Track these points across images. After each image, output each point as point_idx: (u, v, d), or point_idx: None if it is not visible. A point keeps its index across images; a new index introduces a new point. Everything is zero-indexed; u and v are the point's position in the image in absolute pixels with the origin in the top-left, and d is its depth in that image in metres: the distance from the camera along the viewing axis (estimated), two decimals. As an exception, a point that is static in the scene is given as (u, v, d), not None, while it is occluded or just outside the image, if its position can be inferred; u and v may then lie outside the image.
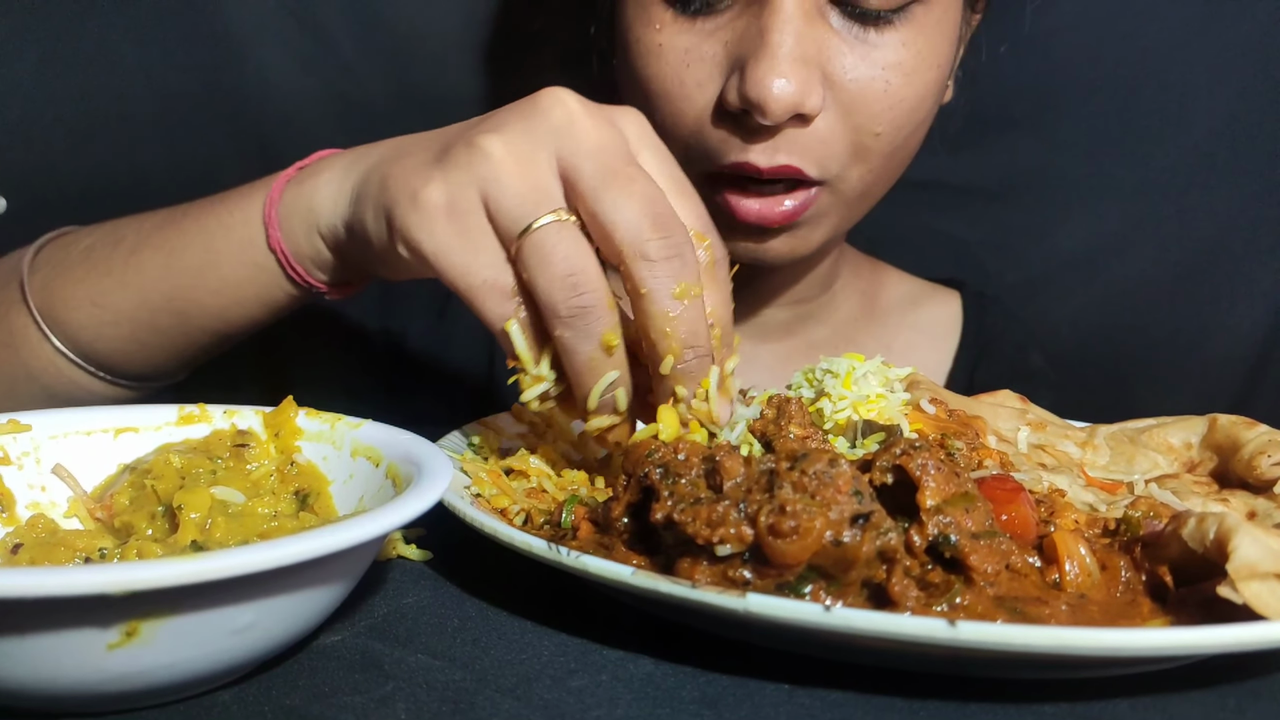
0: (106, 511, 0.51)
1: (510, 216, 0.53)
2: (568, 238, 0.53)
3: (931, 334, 1.07)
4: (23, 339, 0.73)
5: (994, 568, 0.44)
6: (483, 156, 0.54)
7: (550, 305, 0.53)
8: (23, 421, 0.52)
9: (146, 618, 0.35)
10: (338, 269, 0.68)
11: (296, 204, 0.66)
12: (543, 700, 0.41)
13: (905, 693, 0.43)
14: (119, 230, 0.74)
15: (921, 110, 0.80)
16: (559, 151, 0.54)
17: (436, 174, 0.55)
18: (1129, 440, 0.68)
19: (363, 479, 0.52)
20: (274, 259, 0.68)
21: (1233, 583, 0.42)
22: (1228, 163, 1.18)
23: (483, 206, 0.54)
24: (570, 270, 0.52)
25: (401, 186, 0.56)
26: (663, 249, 0.53)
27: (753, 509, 0.43)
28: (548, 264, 0.52)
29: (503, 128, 0.55)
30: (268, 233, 0.67)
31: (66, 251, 0.74)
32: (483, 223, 0.54)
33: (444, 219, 0.54)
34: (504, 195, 0.53)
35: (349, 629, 0.47)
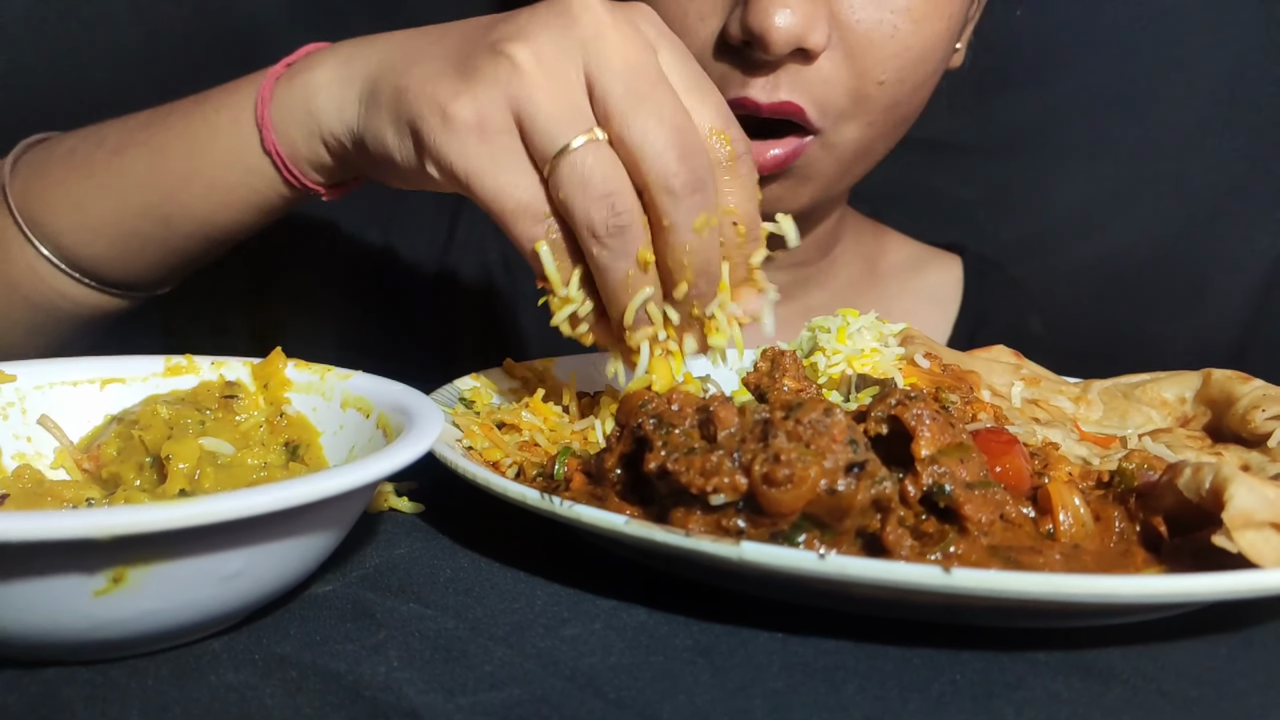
0: (94, 462, 0.50)
1: (545, 136, 0.52)
2: (605, 158, 0.52)
3: (932, 299, 1.07)
4: (4, 247, 0.71)
5: (988, 517, 0.44)
6: (512, 68, 0.52)
7: (589, 224, 0.52)
8: (8, 372, 0.51)
9: (134, 564, 0.35)
10: (337, 171, 0.66)
11: (293, 106, 0.63)
12: (535, 648, 0.41)
13: (899, 641, 0.43)
14: (102, 131, 0.71)
15: (928, 63, 0.79)
16: (588, 66, 0.53)
17: (464, 88, 0.53)
18: (1123, 395, 0.68)
19: (353, 430, 0.51)
20: (268, 161, 0.65)
21: (1228, 531, 0.42)
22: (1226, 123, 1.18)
23: (515, 124, 0.53)
24: (608, 190, 0.52)
25: (426, 101, 0.54)
26: (687, 184, 0.52)
27: (747, 458, 0.43)
28: (586, 185, 0.52)
29: (530, 35, 0.53)
30: (261, 135, 0.64)
31: (49, 153, 0.72)
32: (515, 143, 0.53)
33: (476, 138, 0.53)
34: (538, 114, 0.52)
35: (340, 579, 0.47)
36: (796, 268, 0.99)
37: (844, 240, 1.02)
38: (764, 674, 0.40)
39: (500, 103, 0.53)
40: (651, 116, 0.52)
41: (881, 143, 0.84)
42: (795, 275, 0.99)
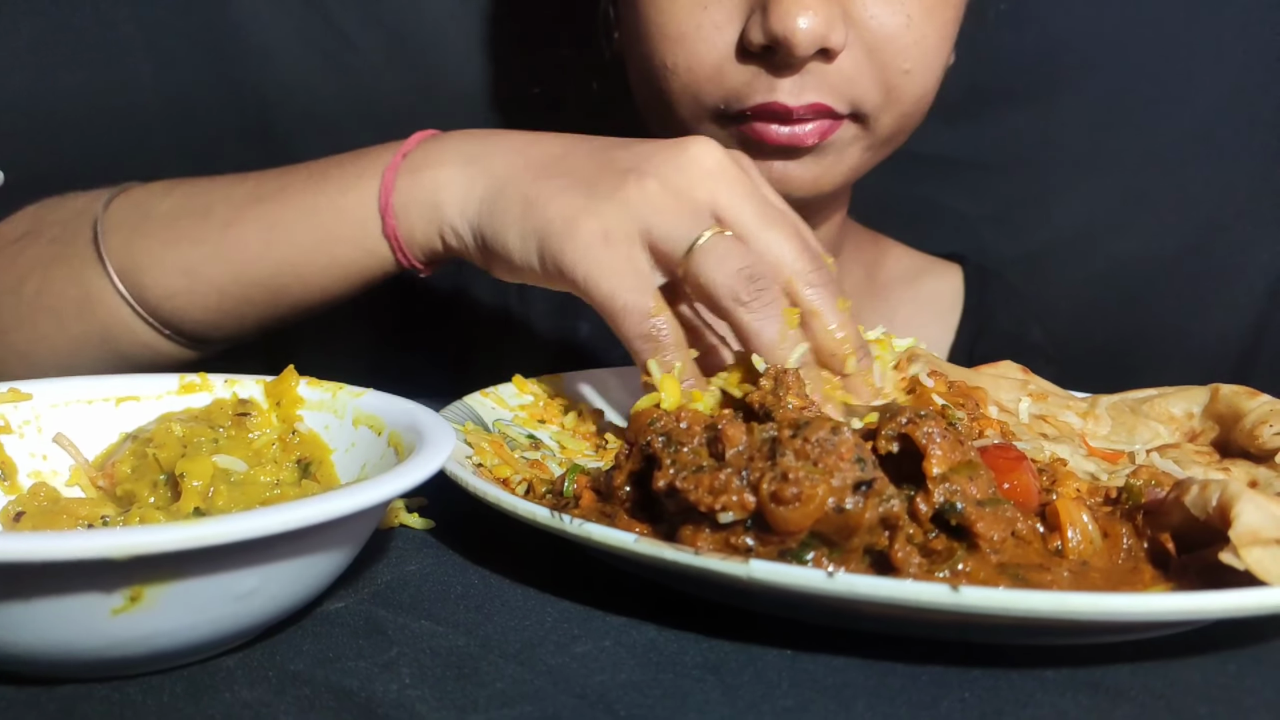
0: (108, 480, 0.51)
1: (675, 240, 0.58)
2: (735, 244, 0.58)
3: (933, 308, 1.07)
4: (99, 300, 0.73)
5: (1000, 535, 0.44)
6: (641, 194, 0.59)
7: (731, 295, 0.57)
8: (23, 390, 0.52)
9: (151, 583, 0.35)
10: (445, 258, 0.70)
11: (417, 197, 0.67)
12: (546, 665, 0.41)
13: (907, 659, 0.43)
14: (203, 197, 0.74)
15: (944, 50, 0.82)
16: (716, 195, 0.59)
17: (593, 207, 0.59)
18: (1130, 410, 0.68)
19: (365, 447, 0.52)
20: (386, 245, 0.69)
21: (1235, 549, 0.42)
22: (1228, 137, 1.18)
23: (640, 238, 0.59)
24: (744, 265, 0.57)
25: (556, 213, 0.60)
26: (822, 276, 0.60)
27: (755, 476, 0.43)
28: (724, 262, 0.57)
29: (657, 170, 0.60)
30: (383, 221, 0.68)
31: (144, 213, 0.74)
32: (638, 250, 0.59)
33: (600, 246, 0.59)
34: (667, 224, 0.58)
35: (353, 595, 0.47)
36: None
37: (845, 249, 1.03)
38: (773, 691, 0.40)
39: (627, 219, 0.59)
40: (781, 229, 0.60)
41: (907, 132, 0.86)
42: None
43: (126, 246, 0.72)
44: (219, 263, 0.71)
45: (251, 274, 0.71)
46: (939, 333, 1.06)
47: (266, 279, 0.72)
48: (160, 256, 0.72)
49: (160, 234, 0.72)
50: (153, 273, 0.72)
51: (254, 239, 0.71)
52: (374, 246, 0.70)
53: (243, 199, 0.72)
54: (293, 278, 0.72)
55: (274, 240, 0.71)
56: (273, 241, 0.71)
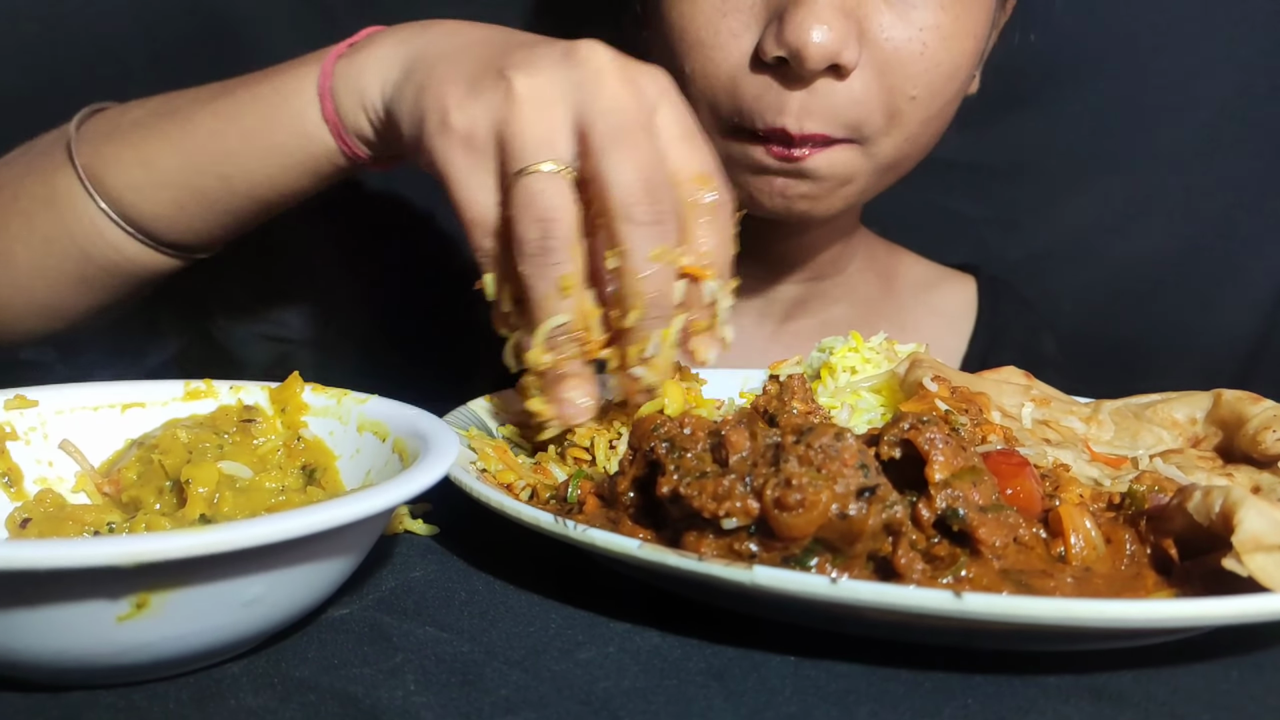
0: (114, 486, 0.51)
1: (513, 156, 0.56)
2: (555, 187, 0.56)
3: (947, 317, 1.07)
4: (66, 198, 0.75)
5: (1002, 541, 0.44)
6: (508, 93, 0.57)
7: (519, 240, 0.56)
8: (30, 397, 0.52)
9: (156, 590, 0.35)
10: (379, 146, 0.70)
11: (348, 80, 0.68)
12: (550, 672, 0.41)
13: (910, 665, 0.43)
14: (171, 101, 0.76)
15: (956, 80, 0.81)
16: (579, 105, 0.57)
17: (465, 104, 0.59)
18: (1133, 415, 0.68)
19: (369, 454, 0.52)
20: (325, 129, 0.70)
21: (1238, 555, 0.42)
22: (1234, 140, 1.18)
23: (495, 143, 0.57)
24: (546, 213, 0.55)
25: (434, 103, 0.60)
26: (647, 214, 0.55)
27: (758, 482, 0.43)
28: (528, 205, 0.55)
29: (534, 67, 0.58)
30: (321, 104, 0.69)
31: (116, 120, 0.76)
32: (490, 162, 0.58)
33: (462, 148, 0.58)
34: (514, 138, 0.56)
35: (357, 602, 0.47)
36: (813, 283, 0.99)
37: (859, 258, 1.03)
38: (777, 697, 0.40)
39: (489, 122, 0.57)
40: (625, 154, 0.55)
41: (914, 158, 0.86)
42: (812, 290, 1.00)
43: (95, 149, 0.75)
44: (172, 152, 0.73)
45: (200, 161, 0.73)
46: (952, 342, 1.06)
47: (213, 165, 0.73)
48: (122, 152, 0.74)
49: (127, 135, 0.75)
50: (115, 167, 0.74)
51: (204, 128, 0.73)
52: (314, 131, 0.71)
53: (205, 97, 0.74)
54: (236, 165, 0.72)
55: (219, 128, 0.72)
56: (220, 130, 0.72)
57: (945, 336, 1.05)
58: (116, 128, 0.76)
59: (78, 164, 0.74)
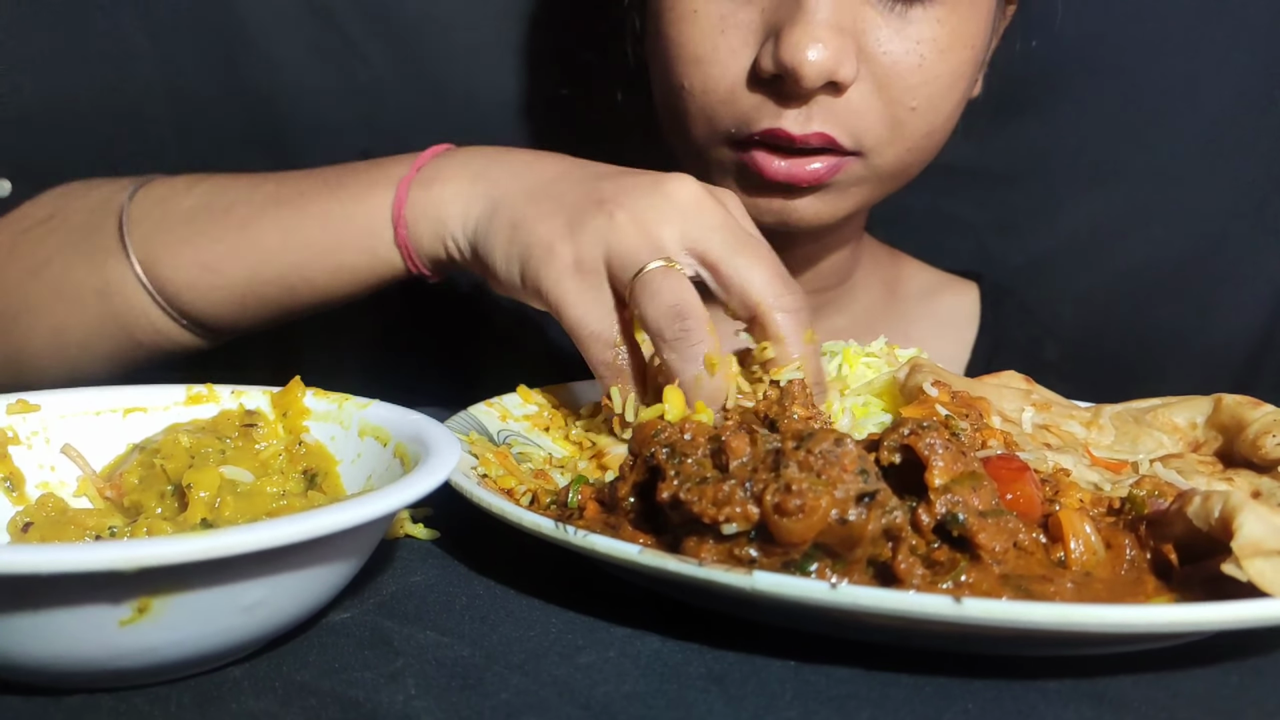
0: (116, 490, 0.51)
1: (625, 265, 0.61)
2: (673, 277, 0.60)
3: (950, 324, 1.07)
4: (118, 289, 0.76)
5: (1002, 546, 0.44)
6: (610, 225, 0.61)
7: (657, 331, 0.59)
8: (32, 401, 0.52)
9: (158, 594, 0.35)
10: (449, 267, 0.73)
11: (425, 210, 0.70)
12: (551, 676, 0.41)
13: (911, 669, 0.43)
14: (225, 196, 0.77)
15: (956, 90, 0.81)
16: (686, 229, 0.61)
17: (569, 235, 0.63)
18: (1134, 420, 0.68)
19: (370, 458, 0.52)
20: (397, 253, 0.73)
21: (1237, 560, 0.42)
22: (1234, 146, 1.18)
23: (605, 266, 0.62)
24: (675, 302, 0.59)
25: (538, 239, 0.64)
26: (794, 302, 0.61)
27: (758, 488, 0.43)
28: (655, 297, 0.59)
29: (632, 203, 0.62)
30: (394, 230, 0.72)
31: (165, 208, 0.77)
32: (602, 282, 0.62)
33: (571, 274, 0.62)
34: (624, 253, 0.61)
35: (358, 606, 0.47)
36: (817, 293, 0.99)
37: (862, 266, 1.03)
38: (777, 702, 0.40)
39: (597, 249, 0.61)
40: (753, 255, 0.61)
41: (916, 167, 0.86)
42: (817, 300, 1.00)
43: (149, 239, 0.75)
44: (236, 260, 0.74)
45: (266, 273, 0.74)
46: (955, 349, 1.06)
47: (279, 278, 0.75)
48: (181, 251, 0.75)
49: (182, 229, 0.76)
50: (173, 265, 0.75)
51: (270, 240, 0.74)
52: (385, 254, 0.73)
53: (262, 200, 0.75)
54: (305, 279, 0.75)
55: (289, 243, 0.74)
56: (288, 244, 0.74)
57: (947, 344, 1.05)
58: (169, 217, 0.76)
59: (132, 256, 0.75)
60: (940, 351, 1.00)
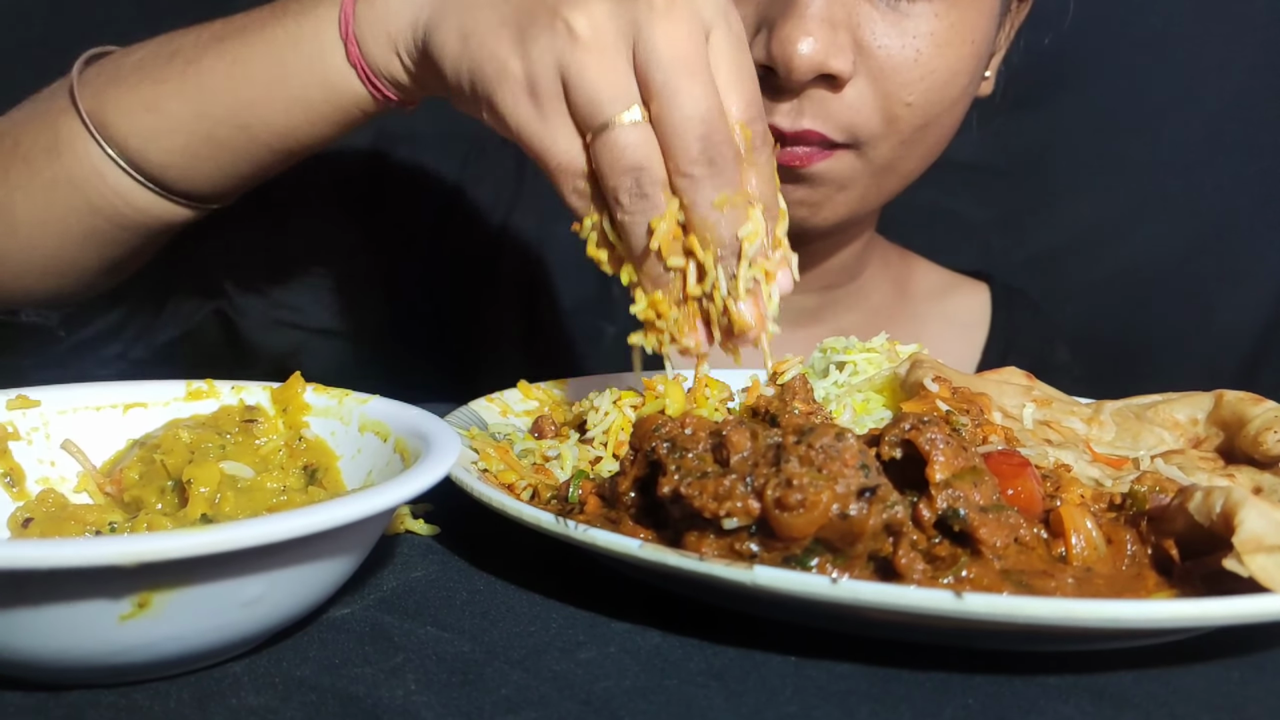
0: (116, 486, 0.51)
1: (589, 109, 0.56)
2: (638, 137, 0.56)
3: (960, 325, 1.07)
4: (69, 144, 0.73)
5: (1003, 541, 0.44)
6: (568, 34, 0.56)
7: (614, 193, 0.56)
8: (32, 397, 0.52)
9: (158, 589, 0.35)
10: (412, 88, 0.68)
11: (373, 22, 0.66)
12: (551, 671, 0.41)
13: (911, 665, 0.43)
14: (172, 42, 0.73)
15: (955, 86, 0.80)
16: (638, 45, 0.56)
17: (520, 50, 0.57)
18: (1135, 416, 0.68)
19: (371, 454, 0.52)
20: (353, 74, 0.68)
21: (1238, 556, 0.42)
22: (1236, 140, 1.18)
23: (562, 89, 0.56)
24: (635, 165, 0.56)
25: (485, 53, 0.59)
26: (705, 169, 0.56)
27: (759, 482, 0.43)
28: (619, 158, 0.56)
29: (589, 4, 0.56)
30: (345, 48, 0.67)
31: (117, 63, 0.74)
32: (561, 106, 0.57)
33: (527, 97, 0.57)
34: (584, 85, 0.56)
35: (358, 602, 0.47)
36: (826, 290, 0.99)
37: (872, 264, 1.03)
38: (777, 697, 0.40)
39: (552, 66, 0.56)
40: (684, 105, 0.55)
41: (915, 162, 0.85)
42: (825, 298, 1.00)
43: (98, 94, 0.72)
44: (181, 99, 0.70)
45: (214, 110, 0.70)
46: (965, 350, 1.06)
47: (229, 116, 0.70)
48: (125, 96, 0.72)
49: (129, 78, 0.72)
50: (120, 112, 0.72)
51: (215, 74, 0.70)
52: (339, 79, 0.68)
53: (208, 39, 0.72)
54: (258, 117, 0.70)
55: (234, 75, 0.70)
56: (233, 76, 0.70)
57: (957, 345, 1.05)
58: (119, 70, 0.73)
59: (81, 109, 0.72)
60: (950, 352, 1.00)
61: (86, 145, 0.72)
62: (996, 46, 0.89)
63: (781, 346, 0.99)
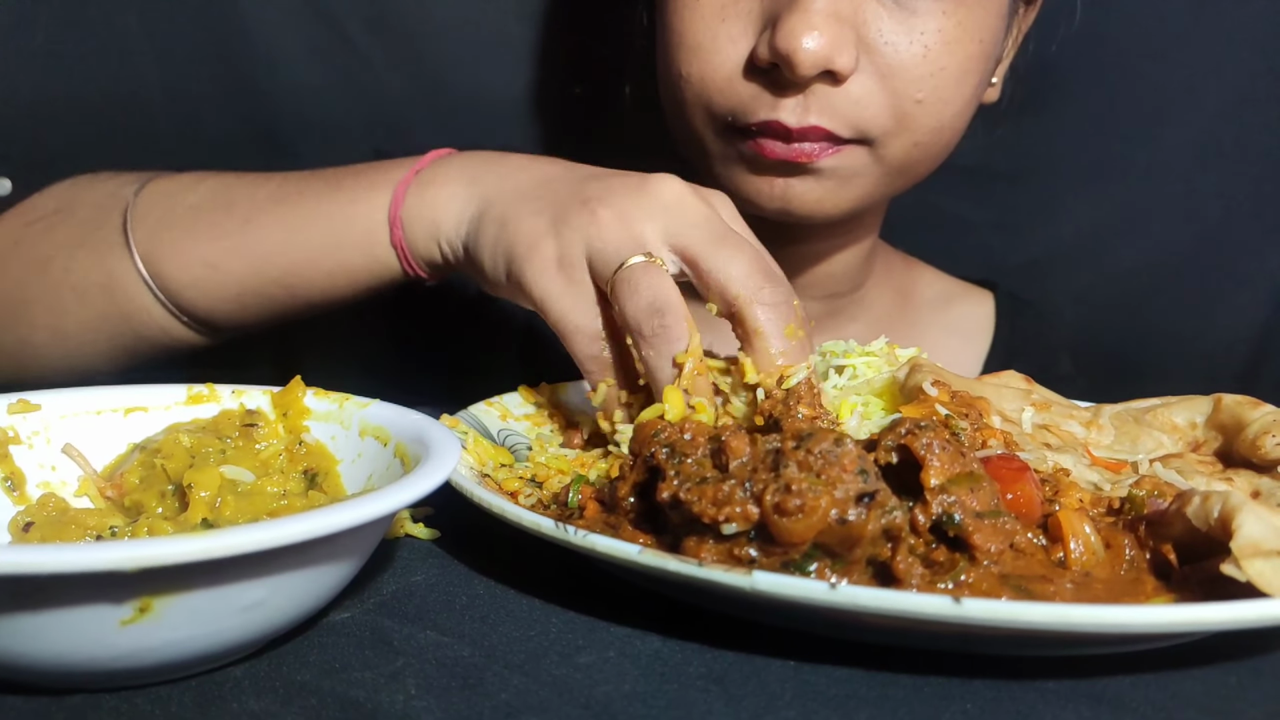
0: (116, 490, 0.51)
1: (606, 261, 0.61)
2: (653, 273, 0.59)
3: (964, 333, 1.07)
4: (121, 284, 0.77)
5: (997, 547, 0.44)
6: (593, 222, 0.61)
7: (636, 328, 0.59)
8: (33, 401, 0.52)
9: (159, 594, 0.36)
10: (443, 269, 0.74)
11: (420, 212, 0.71)
12: (551, 676, 0.41)
13: (910, 669, 0.43)
14: (228, 194, 0.77)
15: (966, 86, 0.80)
16: (669, 226, 0.61)
17: (552, 232, 0.63)
18: (1133, 420, 0.68)
19: (371, 458, 0.52)
20: (394, 254, 0.73)
21: (1236, 560, 0.42)
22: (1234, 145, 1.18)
23: (586, 261, 0.62)
24: (654, 298, 0.58)
25: (522, 237, 0.64)
26: (774, 295, 0.59)
27: (758, 488, 0.43)
28: (635, 294, 0.59)
29: (614, 196, 0.62)
30: (390, 231, 0.72)
31: (169, 204, 0.78)
32: (585, 275, 0.62)
33: (554, 271, 0.62)
34: (605, 246, 0.61)
35: (358, 606, 0.47)
36: (830, 299, 0.99)
37: (876, 273, 1.03)
38: (777, 702, 0.40)
39: (579, 245, 0.62)
40: (734, 249, 0.60)
41: (925, 164, 0.85)
42: (829, 306, 1.00)
43: (153, 235, 0.76)
44: (238, 258, 0.75)
45: (268, 271, 0.75)
46: (968, 359, 1.05)
47: (280, 277, 0.75)
48: (184, 247, 0.76)
49: (185, 225, 0.76)
50: (175, 262, 0.76)
51: (271, 238, 0.75)
52: (381, 254, 0.73)
53: (265, 199, 0.76)
54: (304, 279, 0.75)
55: (290, 241, 0.74)
56: (289, 242, 0.74)
57: (960, 353, 1.05)
58: (172, 213, 0.77)
59: (135, 252, 0.76)
60: (953, 361, 0.99)
61: (140, 288, 0.77)
62: (1004, 52, 0.89)
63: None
